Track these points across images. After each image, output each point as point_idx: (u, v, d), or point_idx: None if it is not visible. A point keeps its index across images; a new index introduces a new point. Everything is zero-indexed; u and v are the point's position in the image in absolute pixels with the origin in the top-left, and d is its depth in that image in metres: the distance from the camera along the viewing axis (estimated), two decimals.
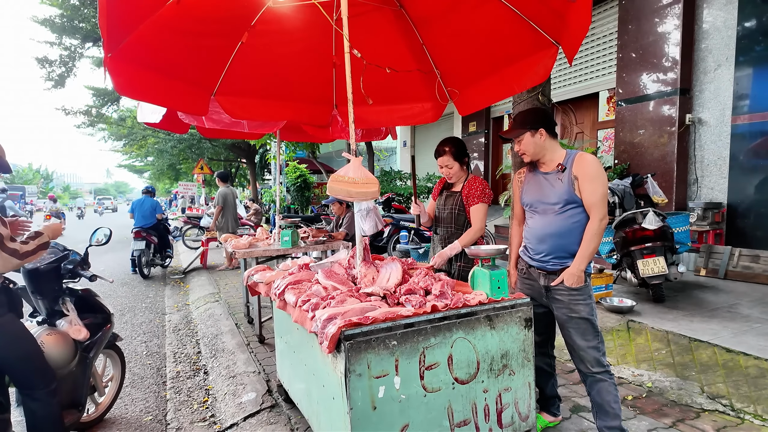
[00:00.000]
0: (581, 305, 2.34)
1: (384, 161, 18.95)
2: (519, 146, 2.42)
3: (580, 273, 2.29)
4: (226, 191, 8.27)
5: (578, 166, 2.30)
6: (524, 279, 2.59)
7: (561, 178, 2.34)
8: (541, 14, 2.61)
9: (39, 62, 11.74)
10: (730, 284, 5.15)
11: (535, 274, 2.49)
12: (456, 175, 3.00)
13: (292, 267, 2.85)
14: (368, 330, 1.81)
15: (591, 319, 2.34)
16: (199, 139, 16.02)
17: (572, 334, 2.38)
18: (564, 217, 2.33)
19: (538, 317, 2.46)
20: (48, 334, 2.60)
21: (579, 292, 2.33)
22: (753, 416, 2.80)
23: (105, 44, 2.32)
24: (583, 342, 2.35)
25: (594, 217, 2.27)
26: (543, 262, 2.43)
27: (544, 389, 2.69)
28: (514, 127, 2.42)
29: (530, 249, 2.50)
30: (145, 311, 6.11)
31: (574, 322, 2.36)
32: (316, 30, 3.24)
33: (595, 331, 2.36)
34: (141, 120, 4.21)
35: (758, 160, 5.52)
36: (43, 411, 2.37)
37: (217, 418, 3.16)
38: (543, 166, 2.44)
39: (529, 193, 2.49)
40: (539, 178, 2.44)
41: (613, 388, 2.35)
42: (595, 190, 2.26)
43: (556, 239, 2.36)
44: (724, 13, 5.79)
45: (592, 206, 2.27)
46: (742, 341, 3.35)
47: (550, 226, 2.37)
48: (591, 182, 2.26)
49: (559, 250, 2.37)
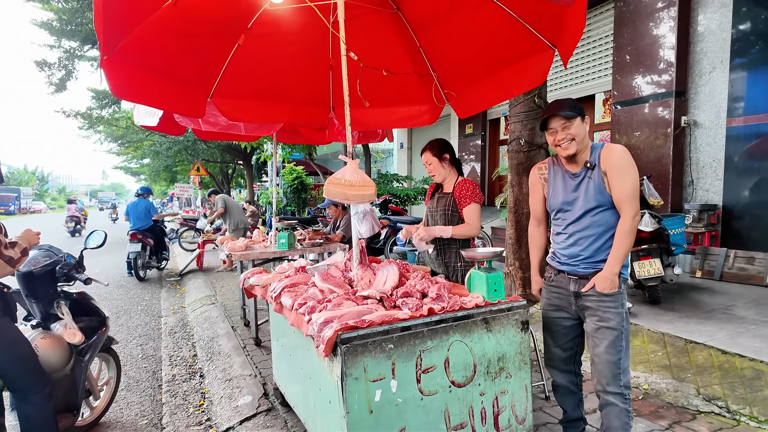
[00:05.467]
0: (611, 313, 2.12)
1: (381, 163, 18.96)
2: (566, 132, 2.12)
3: (613, 277, 2.09)
4: (225, 196, 8.49)
5: (606, 159, 2.11)
6: (551, 287, 2.35)
7: (591, 176, 2.13)
8: (537, 17, 2.61)
9: (38, 65, 11.70)
10: (726, 286, 5.17)
11: (564, 280, 2.27)
12: (439, 173, 3.03)
13: (288, 270, 2.84)
14: (365, 333, 1.80)
15: (620, 330, 2.12)
16: (194, 141, 15.98)
17: (596, 344, 2.16)
18: (597, 219, 2.14)
19: (565, 330, 2.32)
20: (42, 337, 2.58)
21: (611, 299, 2.12)
22: (749, 418, 2.81)
23: (101, 46, 2.31)
24: (605, 354, 2.13)
25: (625, 215, 2.07)
26: (573, 265, 2.22)
27: (567, 410, 2.43)
28: (564, 109, 2.12)
29: (559, 254, 2.29)
30: (140, 314, 6.08)
31: (600, 332, 2.14)
32: (313, 32, 3.24)
33: (620, 345, 2.12)
34: (138, 122, 4.19)
35: (753, 162, 5.55)
36: (38, 415, 2.35)
37: (213, 421, 3.15)
38: (571, 165, 2.22)
39: (557, 196, 2.27)
40: (567, 180, 2.23)
41: (625, 415, 2.13)
42: (624, 184, 2.06)
43: (589, 240, 2.17)
44: (718, 16, 5.83)
45: (622, 202, 2.07)
46: (737, 343, 3.36)
47: (582, 230, 2.18)
48: (619, 175, 2.07)
49: (592, 253, 2.17)
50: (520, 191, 4.77)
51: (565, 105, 2.15)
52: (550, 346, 2.41)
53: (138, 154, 20.79)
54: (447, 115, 11.39)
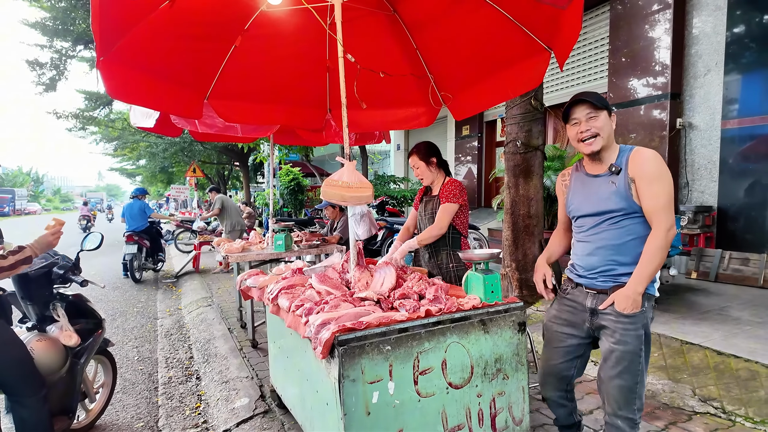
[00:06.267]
0: (630, 335, 1.89)
1: (378, 165, 18.97)
2: (591, 124, 1.93)
3: (636, 296, 1.86)
4: (224, 197, 8.52)
5: (635, 165, 1.89)
6: (565, 300, 2.16)
7: (615, 181, 1.93)
8: (534, 20, 2.63)
9: (29, 65, 11.65)
10: (721, 287, 5.20)
11: (581, 294, 2.07)
12: (426, 176, 3.06)
13: (285, 271, 2.84)
14: (362, 335, 1.80)
15: (638, 353, 1.90)
16: (190, 142, 15.95)
17: (608, 367, 1.96)
18: (620, 228, 1.93)
19: (568, 348, 2.13)
20: (38, 340, 2.57)
21: (630, 320, 1.89)
22: (744, 418, 2.82)
23: (98, 47, 2.30)
24: (619, 380, 1.92)
25: (658, 228, 1.84)
26: (591, 278, 2.02)
27: (559, 418, 2.32)
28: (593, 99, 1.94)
29: (578, 265, 2.10)
30: (136, 316, 6.06)
31: (616, 355, 1.92)
32: (310, 34, 3.24)
33: (637, 370, 1.91)
34: (134, 124, 4.18)
35: (747, 164, 5.59)
36: (33, 418, 2.34)
37: (209, 424, 3.14)
38: (594, 166, 2.03)
39: (576, 200, 2.08)
40: (588, 182, 2.04)
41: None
42: (657, 194, 1.84)
43: (609, 252, 1.96)
44: (713, 19, 5.88)
45: (654, 214, 1.85)
46: (732, 344, 3.38)
47: (601, 239, 1.97)
48: (651, 184, 1.84)
49: (612, 265, 1.96)
50: (516, 193, 4.78)
51: (593, 95, 1.95)
52: (546, 361, 2.24)
53: (134, 156, 20.72)
54: (444, 116, 11.41)
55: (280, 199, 14.99)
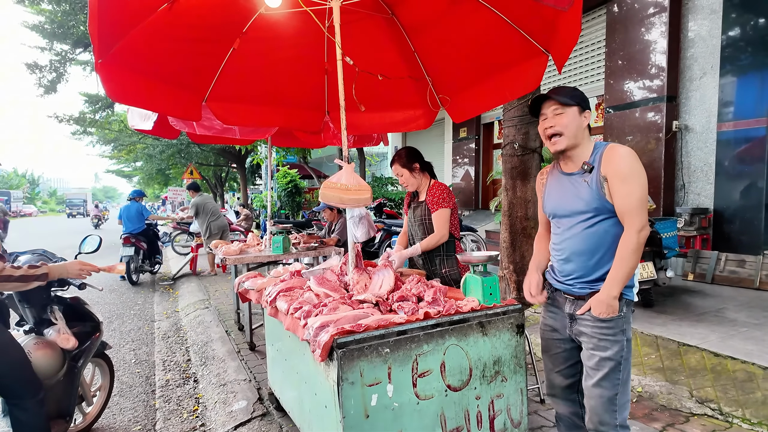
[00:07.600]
0: (608, 341, 1.84)
1: (375, 167, 18.99)
2: (555, 121, 1.88)
3: (611, 300, 1.80)
4: (198, 200, 8.17)
5: (607, 162, 1.82)
6: (548, 305, 2.13)
7: (587, 180, 1.87)
8: (532, 23, 2.64)
9: (29, 68, 11.62)
10: (717, 289, 5.23)
11: (560, 299, 2.03)
12: (411, 183, 3.05)
13: (283, 274, 2.84)
14: (361, 338, 1.81)
15: (617, 360, 1.84)
16: (187, 144, 15.92)
17: (589, 375, 1.90)
18: (594, 230, 1.87)
19: (565, 353, 2.08)
20: (35, 343, 2.55)
21: (608, 325, 1.84)
22: (741, 420, 2.84)
23: (96, 50, 2.30)
24: (598, 388, 1.86)
25: (630, 229, 1.77)
26: (569, 285, 1.98)
27: None
28: (560, 95, 1.88)
29: (556, 269, 2.05)
30: (133, 318, 6.04)
31: (595, 362, 1.87)
32: (308, 37, 3.25)
33: (617, 378, 1.85)
34: (132, 126, 4.18)
35: (743, 166, 5.62)
36: (31, 421, 2.33)
37: (207, 427, 3.13)
38: (567, 164, 1.98)
39: (551, 200, 2.04)
40: (563, 180, 1.99)
41: None
42: (629, 193, 1.77)
43: (584, 257, 1.90)
44: (708, 22, 5.91)
45: (626, 214, 1.78)
46: (729, 345, 3.39)
47: (576, 242, 1.92)
48: (624, 182, 1.78)
49: (588, 271, 1.91)
50: (514, 195, 4.80)
51: (563, 91, 1.90)
52: (549, 372, 2.18)
53: (131, 158, 20.66)
54: (441, 119, 11.44)
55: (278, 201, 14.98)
